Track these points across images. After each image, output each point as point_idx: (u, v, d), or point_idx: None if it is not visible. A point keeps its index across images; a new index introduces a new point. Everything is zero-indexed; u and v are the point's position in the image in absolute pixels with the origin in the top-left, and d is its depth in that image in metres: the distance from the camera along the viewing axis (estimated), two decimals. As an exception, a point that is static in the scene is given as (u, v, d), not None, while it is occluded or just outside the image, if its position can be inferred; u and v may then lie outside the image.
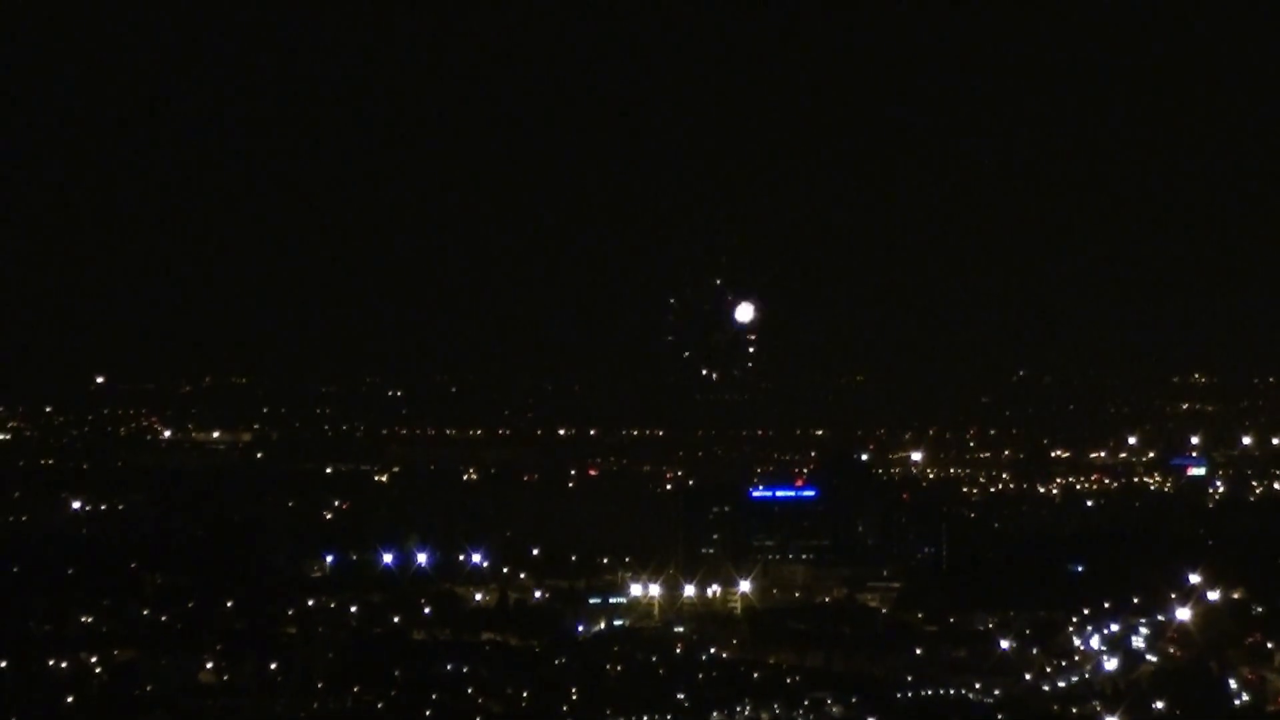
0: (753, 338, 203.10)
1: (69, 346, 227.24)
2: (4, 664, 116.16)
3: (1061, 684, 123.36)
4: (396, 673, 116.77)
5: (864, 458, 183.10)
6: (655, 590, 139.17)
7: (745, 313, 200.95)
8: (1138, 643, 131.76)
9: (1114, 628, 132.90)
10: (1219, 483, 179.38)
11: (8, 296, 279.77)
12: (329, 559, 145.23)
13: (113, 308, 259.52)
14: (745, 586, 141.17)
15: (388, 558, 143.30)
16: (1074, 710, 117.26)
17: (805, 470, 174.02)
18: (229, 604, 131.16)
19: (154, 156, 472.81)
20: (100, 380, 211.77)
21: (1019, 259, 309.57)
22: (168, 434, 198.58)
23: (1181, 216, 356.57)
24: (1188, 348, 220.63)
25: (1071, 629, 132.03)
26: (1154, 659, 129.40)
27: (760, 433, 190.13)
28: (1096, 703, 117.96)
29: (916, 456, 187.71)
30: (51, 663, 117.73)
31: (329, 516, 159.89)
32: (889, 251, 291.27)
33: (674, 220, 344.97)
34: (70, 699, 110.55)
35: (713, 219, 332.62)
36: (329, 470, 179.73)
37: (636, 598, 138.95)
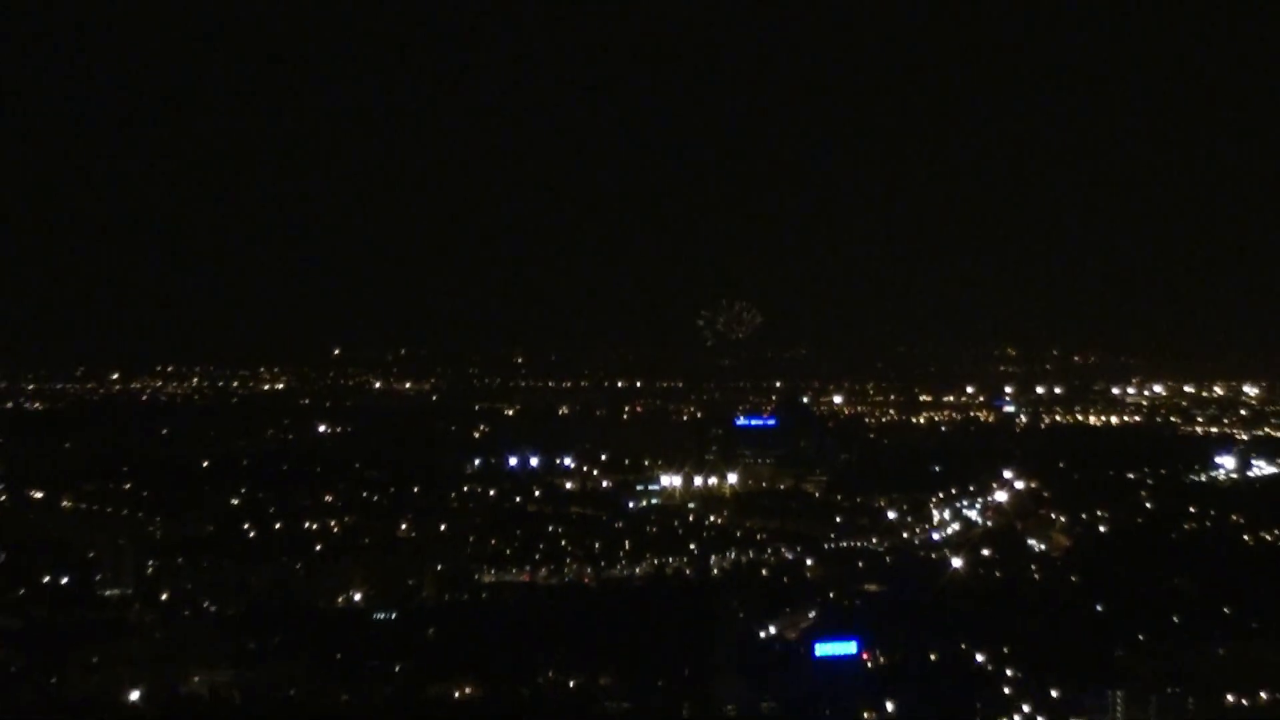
0: (740, 327, 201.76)
1: (319, 329, 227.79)
2: (279, 525, 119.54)
3: (926, 539, 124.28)
4: (518, 531, 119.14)
5: (805, 400, 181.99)
6: (677, 481, 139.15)
7: (737, 311, 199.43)
8: (972, 514, 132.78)
9: (958, 505, 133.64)
10: (1022, 416, 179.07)
11: (280, 294, 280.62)
12: (476, 462, 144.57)
13: (344, 305, 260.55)
14: (732, 479, 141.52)
15: (513, 461, 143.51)
16: (933, 555, 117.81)
17: (768, 408, 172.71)
18: (415, 489, 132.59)
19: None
20: (337, 351, 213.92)
21: (901, 272, 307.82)
22: (378, 384, 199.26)
23: (999, 237, 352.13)
24: (1004, 331, 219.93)
25: (932, 505, 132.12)
26: (982, 524, 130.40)
27: (742, 384, 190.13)
28: (947, 550, 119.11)
29: (838, 400, 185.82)
30: (306, 525, 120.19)
31: (477, 436, 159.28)
32: (821, 265, 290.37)
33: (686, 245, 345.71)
34: (318, 547, 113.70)
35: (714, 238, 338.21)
36: (477, 408, 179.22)
37: (665, 486, 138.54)
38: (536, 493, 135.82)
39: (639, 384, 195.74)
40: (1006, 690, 79.34)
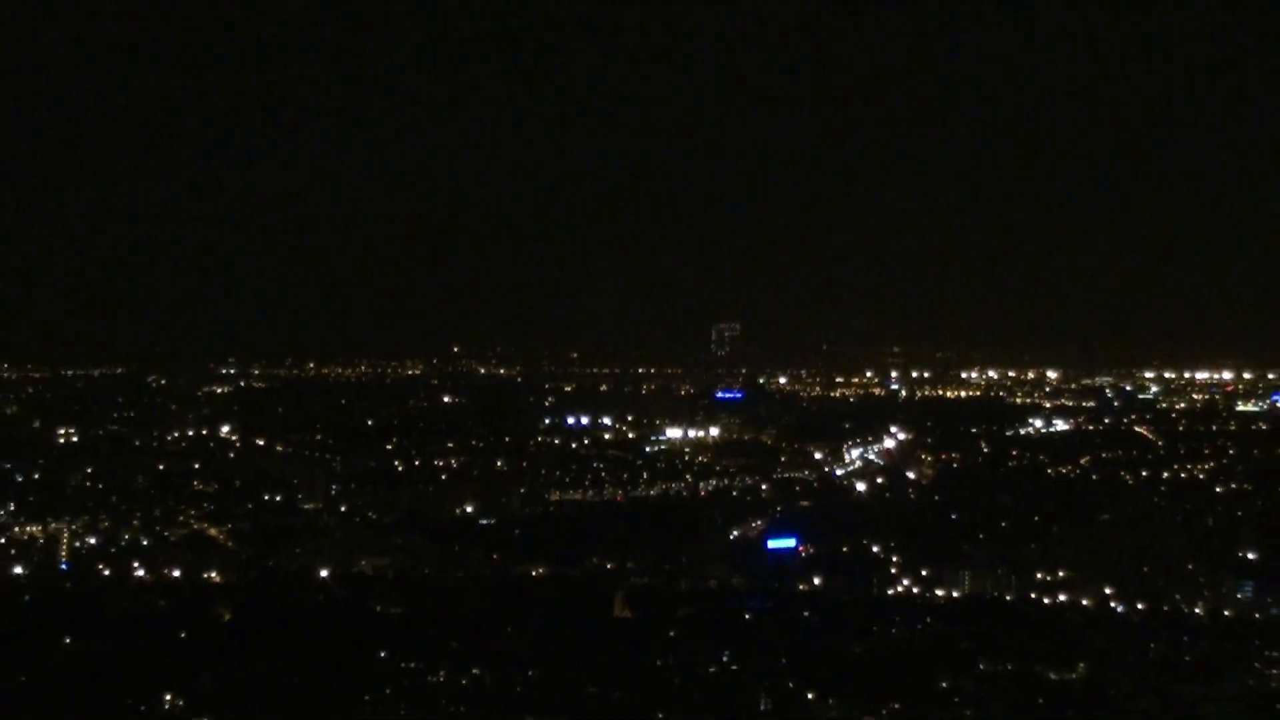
0: (719, 337, 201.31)
1: (444, 333, 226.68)
2: (418, 462, 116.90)
3: (839, 471, 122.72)
4: (573, 466, 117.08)
5: (761, 380, 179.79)
6: (677, 434, 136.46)
7: (719, 326, 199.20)
8: (870, 456, 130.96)
9: (861, 450, 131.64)
10: (904, 392, 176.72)
11: (419, 310, 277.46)
12: (546, 421, 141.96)
13: (461, 317, 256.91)
14: (714, 433, 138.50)
15: (570, 421, 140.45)
16: (845, 482, 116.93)
17: (737, 385, 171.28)
18: (506, 439, 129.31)
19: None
20: (456, 348, 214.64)
21: (823, 296, 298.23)
22: (483, 370, 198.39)
23: (889, 274, 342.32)
24: (892, 336, 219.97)
25: (844, 449, 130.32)
26: (877, 461, 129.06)
27: (720, 371, 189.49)
28: (854, 478, 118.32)
29: (783, 380, 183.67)
30: (436, 462, 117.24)
31: (547, 404, 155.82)
32: (771, 290, 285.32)
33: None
34: (443, 476, 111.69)
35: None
36: (547, 386, 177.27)
37: (669, 437, 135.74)
38: (585, 441, 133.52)
39: (652, 370, 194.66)
40: (893, 570, 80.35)
